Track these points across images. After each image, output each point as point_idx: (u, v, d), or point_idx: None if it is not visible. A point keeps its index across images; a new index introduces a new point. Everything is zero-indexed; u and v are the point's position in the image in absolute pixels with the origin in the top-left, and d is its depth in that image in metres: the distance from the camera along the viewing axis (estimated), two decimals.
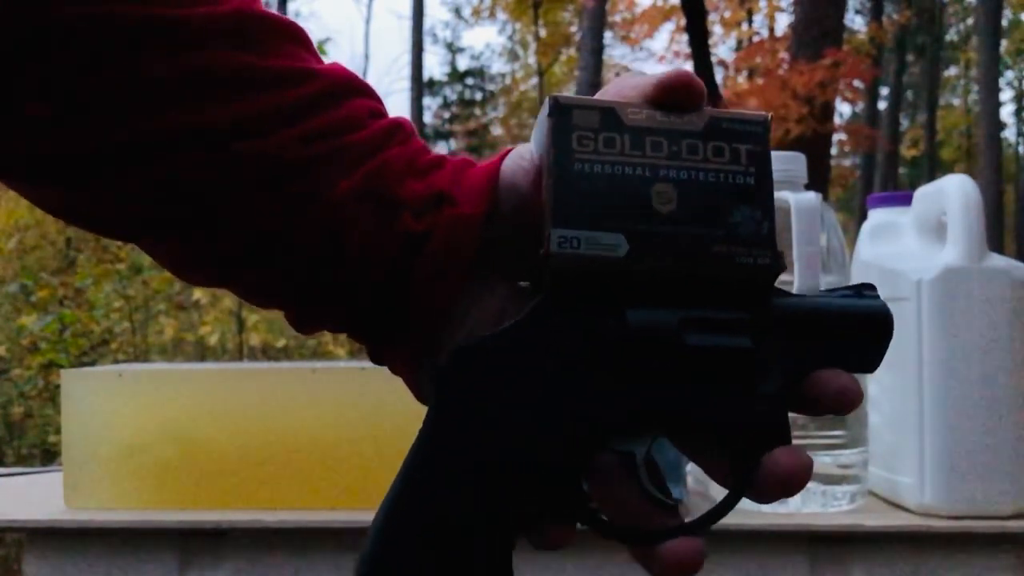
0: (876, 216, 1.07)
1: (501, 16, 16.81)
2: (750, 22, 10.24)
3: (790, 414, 0.37)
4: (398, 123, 0.40)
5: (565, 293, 0.36)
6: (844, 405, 0.37)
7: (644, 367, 0.36)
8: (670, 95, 0.37)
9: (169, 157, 0.36)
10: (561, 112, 0.37)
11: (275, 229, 0.38)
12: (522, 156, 0.39)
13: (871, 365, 0.38)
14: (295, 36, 0.39)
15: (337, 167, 0.38)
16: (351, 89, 0.40)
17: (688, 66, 8.20)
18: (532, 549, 0.37)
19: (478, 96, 18.23)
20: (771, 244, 0.37)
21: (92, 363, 4.21)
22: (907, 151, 16.90)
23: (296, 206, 0.37)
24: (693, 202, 0.36)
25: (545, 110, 0.37)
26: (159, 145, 0.36)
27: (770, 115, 0.38)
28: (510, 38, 17.78)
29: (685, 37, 7.63)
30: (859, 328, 0.38)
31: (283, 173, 0.37)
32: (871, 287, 0.39)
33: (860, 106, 12.07)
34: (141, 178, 0.36)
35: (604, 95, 0.39)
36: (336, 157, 0.38)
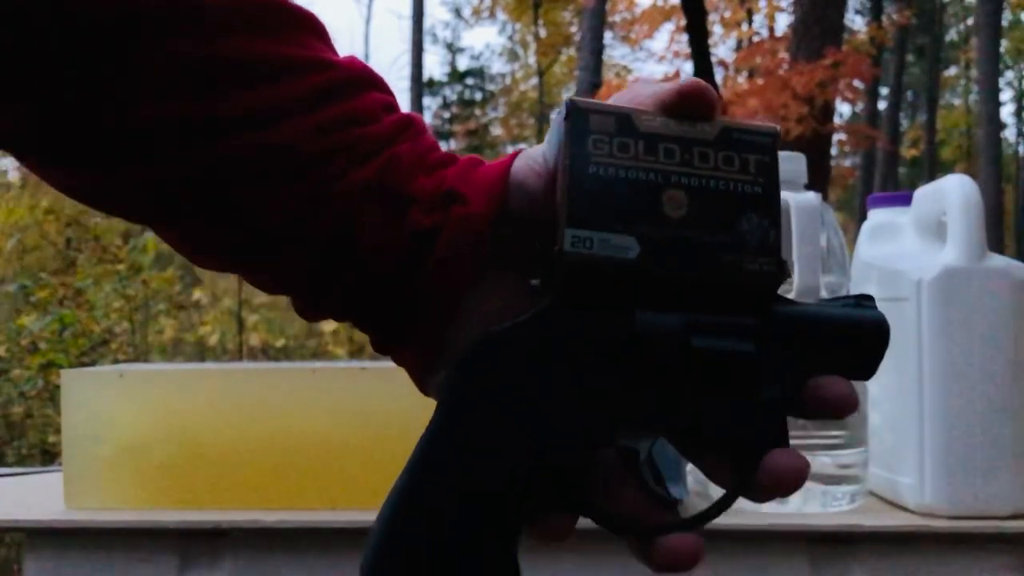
0: (876, 216, 1.07)
1: (501, 16, 16.82)
2: (750, 22, 10.23)
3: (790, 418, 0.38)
4: (410, 119, 0.41)
5: (576, 292, 0.37)
6: (842, 411, 0.38)
7: (650, 368, 0.37)
8: (684, 104, 0.38)
9: (186, 143, 0.36)
10: (578, 115, 0.37)
11: (286, 218, 0.38)
12: (534, 159, 0.40)
13: (868, 373, 0.40)
14: (314, 27, 0.40)
15: (350, 158, 0.38)
16: (366, 82, 0.40)
17: (688, 66, 8.20)
18: (531, 547, 0.38)
19: (478, 96, 18.22)
20: (777, 252, 0.38)
21: (92, 363, 4.20)
22: (907, 151, 16.88)
23: (307, 196, 0.38)
24: (703, 209, 0.37)
25: (562, 113, 0.38)
26: (177, 131, 0.36)
27: (779, 127, 0.39)
28: (510, 38, 17.79)
29: (685, 37, 7.62)
30: (857, 337, 0.39)
31: (296, 162, 0.37)
32: (869, 298, 0.40)
33: (860, 106, 12.06)
34: (158, 164, 0.37)
35: (619, 100, 0.39)
36: (349, 148, 0.38)
